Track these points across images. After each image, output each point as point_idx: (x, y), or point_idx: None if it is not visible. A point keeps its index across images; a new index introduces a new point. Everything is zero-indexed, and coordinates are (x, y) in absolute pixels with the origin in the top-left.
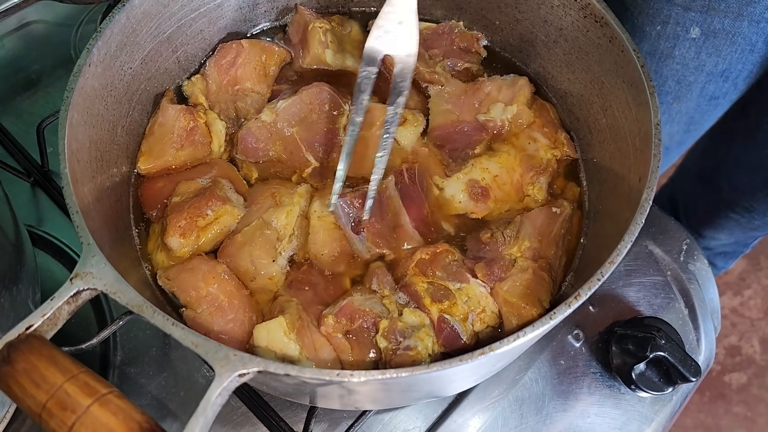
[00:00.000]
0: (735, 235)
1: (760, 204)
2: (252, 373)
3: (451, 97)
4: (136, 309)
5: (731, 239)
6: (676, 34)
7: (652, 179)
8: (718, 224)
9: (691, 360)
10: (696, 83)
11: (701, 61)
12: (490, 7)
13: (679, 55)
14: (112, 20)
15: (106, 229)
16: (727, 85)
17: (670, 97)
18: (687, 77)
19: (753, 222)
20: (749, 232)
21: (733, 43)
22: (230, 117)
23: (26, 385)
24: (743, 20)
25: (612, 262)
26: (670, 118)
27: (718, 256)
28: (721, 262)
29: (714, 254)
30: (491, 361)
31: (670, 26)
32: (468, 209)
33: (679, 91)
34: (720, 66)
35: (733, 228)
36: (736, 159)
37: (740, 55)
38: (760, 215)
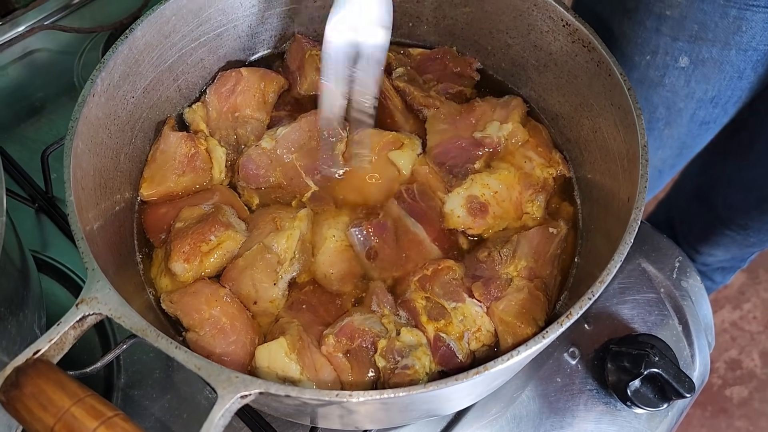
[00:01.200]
0: (731, 251)
1: (755, 222)
2: (254, 395)
3: (447, 118)
4: (140, 333)
5: (728, 255)
6: (665, 63)
7: (640, 199)
8: (714, 241)
9: (685, 376)
10: (686, 110)
11: (691, 88)
12: (482, 33)
13: (669, 84)
14: (115, 51)
15: (111, 255)
16: (717, 110)
17: (661, 124)
18: (677, 104)
19: (748, 239)
20: (745, 249)
21: (722, 71)
22: (231, 143)
23: (34, 409)
24: (731, 49)
25: (602, 281)
26: (662, 143)
27: (715, 272)
28: (719, 277)
29: (711, 270)
30: (487, 379)
31: (659, 56)
32: (466, 225)
33: (670, 117)
34: (709, 93)
35: (729, 245)
36: (730, 178)
37: (729, 82)
38: (755, 232)
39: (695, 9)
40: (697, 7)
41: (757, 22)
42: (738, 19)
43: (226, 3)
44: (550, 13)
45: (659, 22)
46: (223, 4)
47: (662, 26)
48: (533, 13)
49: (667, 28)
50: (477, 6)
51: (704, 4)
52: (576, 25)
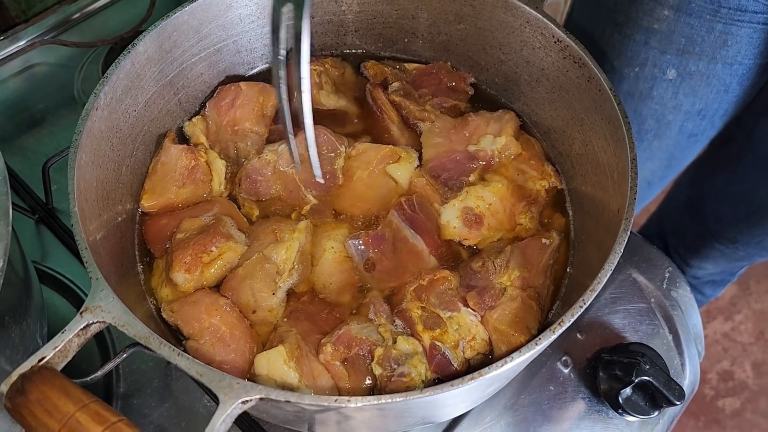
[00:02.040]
0: (721, 264)
1: (743, 236)
2: (254, 401)
3: (442, 131)
4: (143, 341)
5: (718, 269)
6: (653, 75)
7: (630, 210)
8: (705, 254)
9: (675, 384)
10: (675, 122)
11: (678, 101)
12: (475, 48)
13: (657, 96)
14: (118, 66)
15: (113, 265)
16: (705, 122)
17: (650, 135)
18: (666, 116)
19: (737, 252)
20: (734, 263)
21: (709, 84)
22: (230, 156)
23: (39, 415)
24: (717, 63)
25: (593, 290)
26: (651, 154)
27: (706, 285)
28: (710, 290)
29: (702, 283)
30: (482, 386)
31: (647, 68)
32: (462, 235)
33: (659, 129)
34: (697, 105)
35: (719, 258)
36: (720, 191)
37: (716, 95)
38: (744, 246)
39: (682, 23)
40: (684, 21)
41: (743, 36)
42: (724, 34)
43: (226, 19)
44: (542, 30)
45: (647, 36)
46: (222, 20)
47: (650, 39)
48: (525, 30)
49: (655, 42)
50: (471, 23)
51: (691, 18)
52: (567, 41)
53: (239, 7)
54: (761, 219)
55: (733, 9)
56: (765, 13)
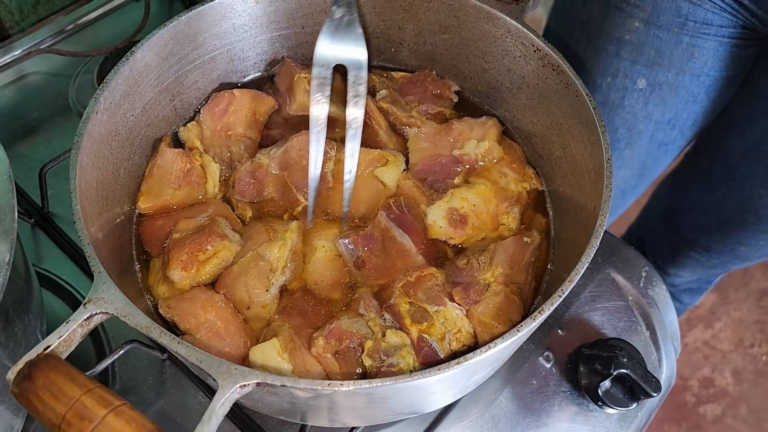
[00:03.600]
0: (697, 272)
1: (717, 244)
2: (251, 385)
3: (428, 137)
4: (144, 330)
5: (694, 276)
6: (624, 85)
7: (605, 207)
8: (681, 262)
9: (651, 376)
10: (645, 131)
11: (649, 110)
12: (459, 58)
13: (629, 105)
14: (117, 72)
15: (112, 263)
16: (675, 132)
17: (622, 144)
18: (637, 125)
19: (711, 261)
20: (709, 270)
21: (677, 94)
22: (224, 160)
23: (46, 399)
24: (685, 74)
25: (571, 280)
26: (623, 163)
27: (683, 293)
28: (687, 298)
29: (680, 291)
30: (467, 372)
31: (619, 78)
32: (448, 235)
33: (630, 138)
34: (666, 115)
35: (695, 266)
36: (694, 202)
37: (684, 105)
38: (717, 254)
39: (652, 35)
40: (654, 34)
41: (709, 49)
42: (691, 46)
43: (221, 29)
44: (522, 39)
45: (619, 47)
46: (217, 29)
47: (622, 51)
48: (507, 39)
49: (626, 53)
50: (455, 33)
51: (660, 30)
52: (546, 50)
53: (233, 18)
54: (732, 228)
55: (699, 23)
56: (730, 27)
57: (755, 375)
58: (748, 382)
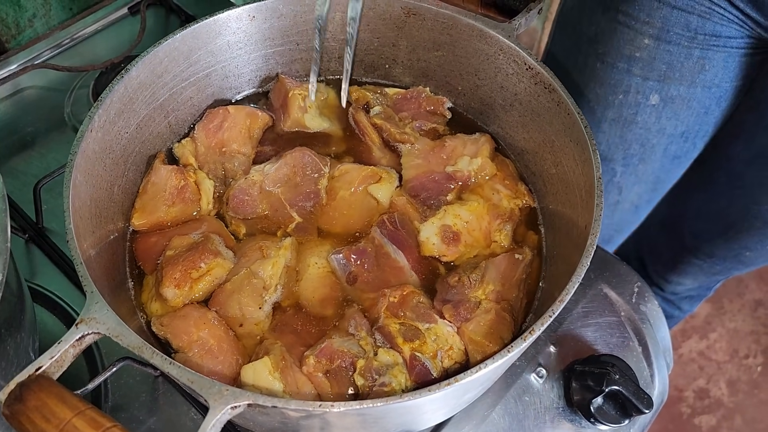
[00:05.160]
0: (699, 279)
1: (720, 249)
2: (242, 406)
3: (421, 153)
4: (136, 350)
5: (695, 284)
6: (637, 101)
7: (596, 226)
8: (683, 270)
9: (643, 393)
10: (659, 145)
11: (662, 125)
12: (453, 74)
13: (642, 121)
14: (112, 90)
15: (105, 280)
16: (687, 144)
17: (635, 159)
18: (650, 140)
19: (715, 267)
20: (712, 277)
21: (690, 107)
22: (218, 176)
23: (37, 421)
24: (696, 87)
25: (561, 300)
26: (637, 178)
27: (683, 300)
28: (687, 306)
29: (680, 299)
30: (458, 392)
31: (631, 95)
32: (440, 252)
33: (644, 153)
34: (679, 128)
35: (697, 273)
36: (696, 209)
37: (697, 117)
38: (721, 260)
39: (662, 50)
40: (664, 49)
41: (719, 60)
42: (701, 59)
43: (215, 45)
44: (514, 57)
45: (630, 64)
46: (212, 46)
47: (633, 67)
48: (499, 57)
49: (637, 69)
50: (448, 50)
51: (670, 45)
52: (538, 68)
53: (227, 35)
54: (737, 233)
55: (708, 35)
56: (738, 38)
57: (750, 386)
58: (743, 392)
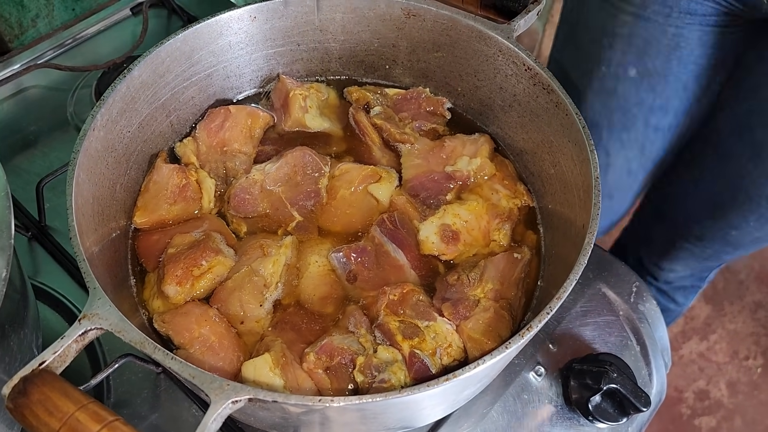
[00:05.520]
0: (690, 266)
1: (709, 230)
2: (243, 401)
3: (421, 153)
4: (138, 346)
5: (687, 271)
6: (617, 74)
7: (593, 225)
8: (674, 255)
9: (641, 391)
10: (639, 115)
11: (640, 97)
12: (452, 75)
13: (622, 92)
14: (114, 89)
15: (108, 277)
16: (668, 117)
17: (619, 126)
18: (631, 110)
19: (705, 251)
20: (703, 263)
21: (667, 82)
22: (219, 175)
23: (41, 414)
24: (671, 62)
25: (559, 297)
26: (622, 144)
27: (677, 291)
28: (681, 297)
29: (674, 289)
30: (456, 388)
31: (612, 67)
32: (440, 251)
33: (626, 122)
34: (657, 101)
35: (688, 258)
36: (685, 193)
37: (675, 92)
38: (710, 242)
39: (640, 27)
40: (642, 26)
41: (693, 38)
42: (676, 36)
43: (217, 46)
44: (513, 58)
45: (612, 39)
46: (213, 47)
47: (615, 43)
48: (498, 58)
49: (618, 44)
50: (448, 51)
51: (648, 22)
52: (537, 69)
53: (229, 35)
54: (724, 213)
55: (683, 12)
56: (713, 15)
57: (750, 387)
58: (743, 394)
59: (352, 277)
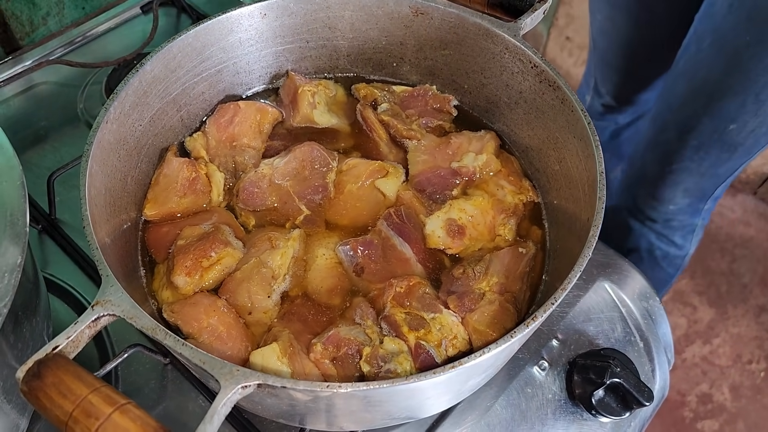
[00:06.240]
0: (690, 191)
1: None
2: (252, 386)
3: (428, 149)
4: (150, 332)
5: (686, 199)
6: None
7: (598, 218)
8: (672, 181)
9: (644, 386)
10: None
11: None
12: (459, 73)
13: None
14: (127, 83)
15: (119, 267)
16: None
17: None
18: None
19: (702, 165)
20: (702, 181)
21: None
22: (229, 169)
23: (54, 397)
24: None
25: (563, 288)
26: None
27: (676, 233)
28: (680, 238)
29: (673, 230)
30: (462, 377)
31: None
32: (446, 245)
33: None
34: None
35: (686, 179)
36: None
37: None
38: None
39: None
40: None
41: None
42: None
43: (227, 42)
44: (519, 56)
45: None
46: (224, 43)
47: None
48: (505, 56)
49: None
50: (455, 49)
51: None
52: (542, 67)
53: (239, 32)
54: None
55: None
56: None
57: (753, 391)
58: (746, 398)
59: (359, 269)
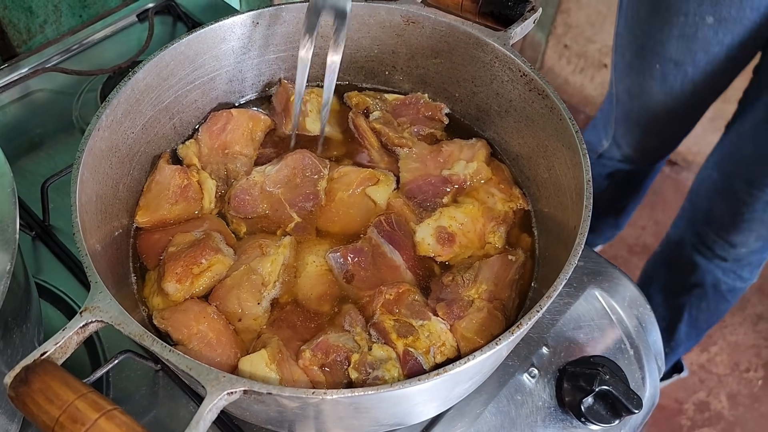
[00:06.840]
0: (761, 233)
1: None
2: (238, 393)
3: (419, 157)
4: (138, 338)
5: (758, 242)
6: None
7: (584, 226)
8: (746, 228)
9: (633, 393)
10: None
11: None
12: (450, 81)
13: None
14: (119, 91)
15: (109, 274)
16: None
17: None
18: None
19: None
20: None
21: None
22: (221, 177)
23: (41, 402)
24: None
25: (549, 296)
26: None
27: (745, 268)
28: (748, 273)
29: (742, 266)
30: (448, 383)
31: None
32: (436, 252)
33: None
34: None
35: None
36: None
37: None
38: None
39: None
40: None
41: None
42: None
43: (220, 51)
44: (509, 65)
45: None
46: (216, 51)
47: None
48: (495, 65)
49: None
50: (446, 58)
51: None
52: (532, 75)
53: (232, 40)
54: None
55: None
56: None
57: (750, 399)
58: (744, 406)
59: (348, 276)
